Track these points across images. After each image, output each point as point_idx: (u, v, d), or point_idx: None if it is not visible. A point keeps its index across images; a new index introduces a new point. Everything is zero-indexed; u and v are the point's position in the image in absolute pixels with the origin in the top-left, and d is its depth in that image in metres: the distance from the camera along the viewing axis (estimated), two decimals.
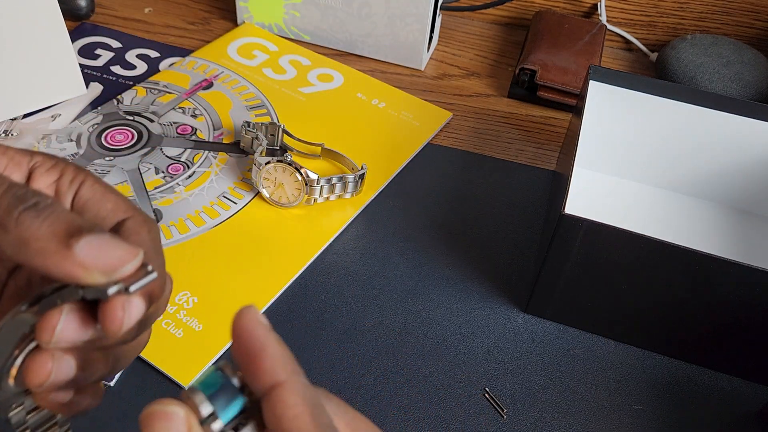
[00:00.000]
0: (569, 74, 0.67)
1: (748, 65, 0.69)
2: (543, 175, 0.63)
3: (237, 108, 0.65)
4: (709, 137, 0.57)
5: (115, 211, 0.27)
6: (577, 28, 0.73)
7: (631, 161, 0.60)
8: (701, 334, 0.47)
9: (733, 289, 0.43)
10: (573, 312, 0.50)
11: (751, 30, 0.77)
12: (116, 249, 0.23)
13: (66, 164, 0.27)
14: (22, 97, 0.61)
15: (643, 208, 0.59)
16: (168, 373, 0.45)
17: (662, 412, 0.47)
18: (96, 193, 0.27)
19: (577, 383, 0.48)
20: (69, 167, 0.27)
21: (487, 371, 0.48)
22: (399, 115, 0.66)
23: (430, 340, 0.49)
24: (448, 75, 0.73)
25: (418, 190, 0.60)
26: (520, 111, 0.70)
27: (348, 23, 0.71)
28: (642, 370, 0.49)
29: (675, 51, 0.72)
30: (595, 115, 0.58)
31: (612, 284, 0.46)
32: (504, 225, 0.58)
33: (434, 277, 0.53)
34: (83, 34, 0.72)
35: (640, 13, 0.78)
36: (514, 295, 0.53)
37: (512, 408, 0.46)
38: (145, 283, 0.24)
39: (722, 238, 0.57)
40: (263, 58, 0.71)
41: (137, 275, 0.24)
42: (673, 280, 0.44)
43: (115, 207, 0.27)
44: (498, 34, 0.80)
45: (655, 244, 0.43)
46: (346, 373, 0.47)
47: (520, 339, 0.50)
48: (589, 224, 0.43)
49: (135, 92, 0.65)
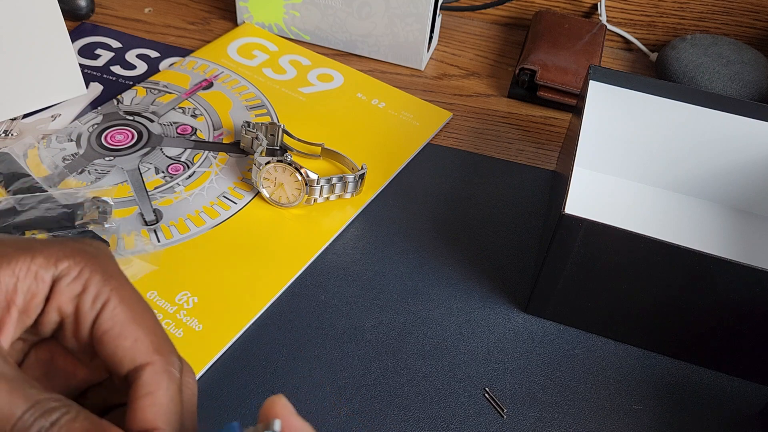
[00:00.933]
0: (569, 74, 0.67)
1: (748, 65, 0.69)
2: (543, 175, 0.63)
3: (237, 108, 0.65)
4: (709, 137, 0.57)
5: (133, 352, 0.24)
6: (577, 28, 0.73)
7: (631, 161, 0.60)
8: (701, 334, 0.47)
9: (733, 289, 0.43)
10: (573, 312, 0.50)
11: (751, 30, 0.77)
12: None
13: (91, 273, 0.25)
14: (22, 97, 0.61)
15: (643, 208, 0.59)
16: None
17: (662, 412, 0.47)
18: (116, 325, 0.24)
19: (577, 383, 0.48)
20: (94, 278, 0.25)
21: (487, 371, 0.48)
22: (399, 115, 0.66)
23: (430, 340, 0.49)
24: (448, 75, 0.73)
25: (418, 190, 0.60)
26: (520, 111, 0.70)
27: (348, 23, 0.71)
28: (642, 370, 0.49)
29: (675, 51, 0.72)
30: (595, 115, 0.58)
31: (612, 284, 0.46)
32: (504, 225, 0.58)
33: (434, 277, 0.53)
34: (83, 34, 0.72)
35: (640, 13, 0.78)
36: (514, 295, 0.53)
37: (512, 408, 0.46)
38: None
39: (722, 238, 0.57)
40: (263, 58, 0.71)
41: None
42: (673, 280, 0.44)
43: (133, 346, 0.24)
44: (498, 34, 0.80)
45: (655, 244, 0.43)
46: (346, 373, 0.47)
47: (520, 339, 0.50)
48: (589, 224, 0.43)
49: (135, 92, 0.65)
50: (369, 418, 0.45)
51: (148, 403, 0.23)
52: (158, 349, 0.24)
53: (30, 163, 0.57)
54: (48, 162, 0.57)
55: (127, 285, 0.25)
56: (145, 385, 0.24)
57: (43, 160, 0.57)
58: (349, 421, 0.44)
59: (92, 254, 0.25)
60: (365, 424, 0.44)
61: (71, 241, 0.25)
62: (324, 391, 0.46)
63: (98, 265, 0.25)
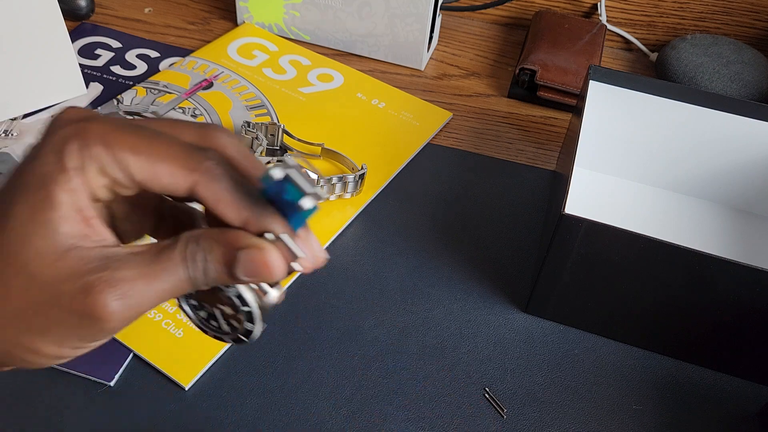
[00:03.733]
0: (569, 74, 0.67)
1: (748, 65, 0.69)
2: (543, 175, 0.62)
3: (237, 108, 0.65)
4: (710, 137, 0.56)
5: (176, 184, 0.26)
6: (577, 28, 0.73)
7: (631, 161, 0.60)
8: (701, 334, 0.47)
9: (733, 288, 0.43)
10: (573, 312, 0.50)
11: (751, 30, 0.77)
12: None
13: (91, 145, 0.25)
14: (22, 97, 0.61)
15: (643, 208, 0.59)
16: (168, 373, 0.45)
17: (662, 412, 0.47)
18: (146, 173, 0.26)
19: (578, 383, 0.48)
20: (96, 149, 0.25)
21: (487, 371, 0.48)
22: (399, 115, 0.66)
23: (430, 340, 0.49)
24: (448, 75, 0.73)
25: (418, 190, 0.60)
26: (520, 111, 0.70)
27: (348, 23, 0.71)
28: (642, 370, 0.49)
29: (675, 51, 0.72)
30: (595, 115, 0.58)
31: (612, 284, 0.46)
32: (504, 225, 0.58)
33: (434, 277, 0.53)
34: (83, 34, 0.72)
35: (640, 13, 0.78)
36: (514, 295, 0.53)
37: (512, 408, 0.46)
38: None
39: (722, 238, 0.57)
40: (263, 58, 0.71)
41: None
42: (673, 280, 0.44)
43: (172, 180, 0.26)
44: (498, 34, 0.80)
45: (655, 244, 0.43)
46: (346, 373, 0.47)
47: (520, 339, 0.50)
48: (589, 224, 0.43)
49: (135, 92, 0.65)
50: (369, 418, 0.45)
51: (222, 208, 0.26)
52: (189, 165, 0.26)
53: None
54: None
55: (125, 132, 0.26)
56: (208, 200, 0.26)
57: None
58: (349, 421, 0.44)
59: (79, 131, 0.26)
60: (365, 424, 0.44)
61: (56, 130, 0.26)
62: (324, 391, 0.46)
63: (91, 136, 0.26)
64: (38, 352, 0.26)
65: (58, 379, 0.44)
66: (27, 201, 0.25)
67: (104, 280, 0.25)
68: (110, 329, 0.26)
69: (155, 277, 0.26)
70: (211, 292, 0.29)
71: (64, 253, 0.25)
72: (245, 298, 0.28)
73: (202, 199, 0.26)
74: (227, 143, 0.28)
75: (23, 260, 0.25)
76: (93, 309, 0.25)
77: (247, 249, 0.26)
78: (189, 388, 0.45)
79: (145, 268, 0.26)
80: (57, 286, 0.25)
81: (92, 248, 0.26)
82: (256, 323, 0.29)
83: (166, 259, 0.26)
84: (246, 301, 0.28)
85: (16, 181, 0.26)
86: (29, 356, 0.26)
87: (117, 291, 0.25)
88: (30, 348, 0.26)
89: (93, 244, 0.26)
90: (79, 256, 0.25)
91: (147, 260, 0.26)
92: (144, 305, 0.26)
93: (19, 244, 0.25)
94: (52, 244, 0.25)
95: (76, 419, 0.43)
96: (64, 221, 0.25)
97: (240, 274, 0.26)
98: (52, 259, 0.25)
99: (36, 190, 0.25)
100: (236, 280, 0.27)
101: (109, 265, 0.25)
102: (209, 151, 0.27)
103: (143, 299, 0.26)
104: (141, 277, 0.25)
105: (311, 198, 0.25)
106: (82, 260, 0.25)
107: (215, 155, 0.27)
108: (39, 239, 0.25)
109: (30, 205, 0.25)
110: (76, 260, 0.25)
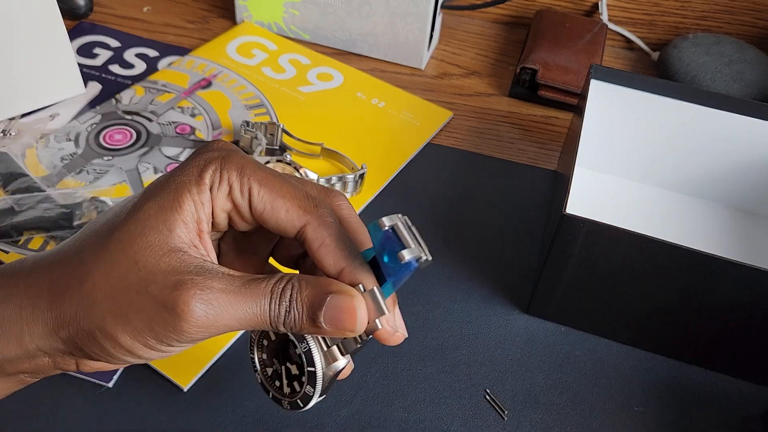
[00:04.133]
0: (570, 73, 0.67)
1: (750, 64, 0.69)
2: (544, 175, 0.62)
3: (236, 107, 0.64)
4: (711, 137, 0.56)
5: (289, 221, 0.30)
6: (578, 27, 0.73)
7: (633, 161, 0.60)
8: (704, 335, 0.47)
9: (736, 289, 0.43)
10: (575, 313, 0.49)
11: (754, 29, 0.76)
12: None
13: (228, 173, 0.29)
14: (21, 97, 0.60)
15: (644, 208, 0.59)
16: (167, 375, 0.45)
17: (665, 414, 0.46)
18: (266, 204, 0.30)
19: (579, 385, 0.47)
20: (232, 176, 0.29)
21: (487, 373, 0.47)
22: (399, 114, 0.66)
23: (431, 341, 0.49)
24: (448, 74, 0.73)
25: (418, 190, 0.59)
26: (521, 110, 0.69)
27: (348, 22, 0.71)
28: (644, 372, 0.49)
29: (677, 50, 0.72)
30: (597, 115, 0.57)
31: (614, 285, 0.46)
32: (505, 225, 0.57)
33: (434, 277, 0.53)
34: (82, 33, 0.72)
35: (642, 12, 0.77)
36: (515, 296, 0.52)
37: (513, 410, 0.46)
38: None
39: (725, 238, 0.57)
40: (262, 57, 0.71)
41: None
42: (675, 281, 0.44)
43: (287, 216, 0.30)
44: (499, 33, 0.79)
45: (657, 244, 0.42)
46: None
47: (521, 340, 0.50)
48: (591, 224, 0.43)
49: (134, 91, 0.65)
50: (369, 420, 0.44)
51: (324, 252, 0.29)
52: (306, 208, 0.30)
53: (28, 162, 0.57)
54: (46, 162, 0.57)
55: (259, 168, 0.30)
56: (313, 242, 0.29)
57: (42, 159, 0.57)
58: (349, 422, 0.44)
59: (222, 157, 0.30)
60: (365, 425, 0.44)
61: (203, 153, 0.30)
62: None
63: (230, 163, 0.30)
64: (115, 340, 0.28)
65: (57, 380, 0.44)
66: (160, 199, 0.29)
67: (195, 283, 0.27)
68: (183, 330, 0.27)
69: (241, 299, 0.28)
70: (283, 350, 0.30)
71: (170, 252, 0.28)
72: (313, 356, 0.29)
73: (308, 240, 0.29)
74: (343, 205, 0.32)
75: (136, 248, 0.28)
76: (176, 303, 0.27)
77: (337, 293, 0.28)
78: (188, 390, 0.44)
79: (234, 288, 0.28)
80: (152, 275, 0.27)
81: (195, 257, 0.28)
82: (316, 387, 0.29)
83: (256, 287, 0.28)
84: (313, 360, 0.29)
85: (160, 184, 0.30)
86: (107, 343, 0.28)
87: (203, 295, 0.27)
88: (109, 333, 0.28)
89: (197, 255, 0.29)
90: (182, 259, 0.28)
91: (238, 283, 0.28)
92: (221, 321, 0.28)
93: (138, 234, 0.28)
94: (163, 241, 0.28)
95: (74, 420, 0.43)
96: (182, 225, 0.28)
97: (322, 320, 0.28)
98: (159, 254, 0.28)
99: (170, 193, 0.29)
100: (316, 327, 0.28)
101: (204, 274, 0.28)
102: (325, 204, 0.30)
103: (223, 315, 0.28)
104: (228, 293, 0.28)
105: (410, 252, 0.26)
106: (183, 263, 0.28)
107: (329, 208, 0.30)
108: (155, 233, 0.28)
109: (160, 203, 0.29)
110: (177, 261, 0.28)
